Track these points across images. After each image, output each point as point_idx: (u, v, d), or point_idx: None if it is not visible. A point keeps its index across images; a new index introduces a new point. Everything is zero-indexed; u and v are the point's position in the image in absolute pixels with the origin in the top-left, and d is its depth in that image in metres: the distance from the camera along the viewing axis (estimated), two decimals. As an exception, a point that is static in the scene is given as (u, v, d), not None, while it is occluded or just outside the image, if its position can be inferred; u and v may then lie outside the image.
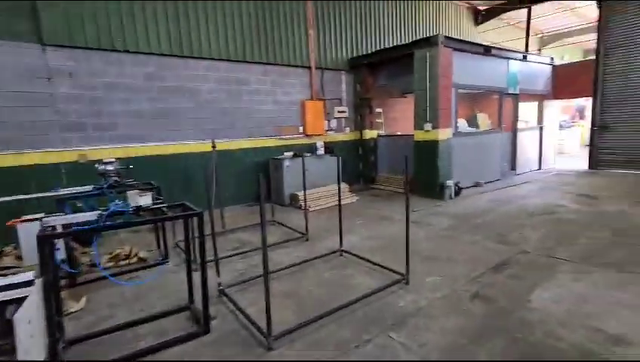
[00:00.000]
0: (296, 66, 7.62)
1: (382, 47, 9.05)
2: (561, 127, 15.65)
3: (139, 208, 2.79)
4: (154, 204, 2.90)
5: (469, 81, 7.70)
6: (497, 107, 8.85)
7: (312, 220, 5.69)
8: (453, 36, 8.18)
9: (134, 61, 5.72)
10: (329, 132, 8.29)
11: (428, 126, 6.94)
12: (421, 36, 9.92)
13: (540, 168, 10.35)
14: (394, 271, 3.55)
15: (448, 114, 7.08)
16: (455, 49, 7.12)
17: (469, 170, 7.99)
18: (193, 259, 3.69)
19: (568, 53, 17.24)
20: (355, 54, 8.63)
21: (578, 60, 10.96)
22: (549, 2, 10.88)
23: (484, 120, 10.07)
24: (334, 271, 3.80)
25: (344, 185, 7.27)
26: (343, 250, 4.17)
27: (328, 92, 8.26)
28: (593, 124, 9.78)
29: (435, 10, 10.76)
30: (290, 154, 7.22)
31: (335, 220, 4.32)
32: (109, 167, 3.83)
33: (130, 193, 2.87)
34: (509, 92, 8.88)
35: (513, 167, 9.52)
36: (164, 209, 2.89)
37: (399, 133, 9.05)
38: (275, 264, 3.94)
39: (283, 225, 5.46)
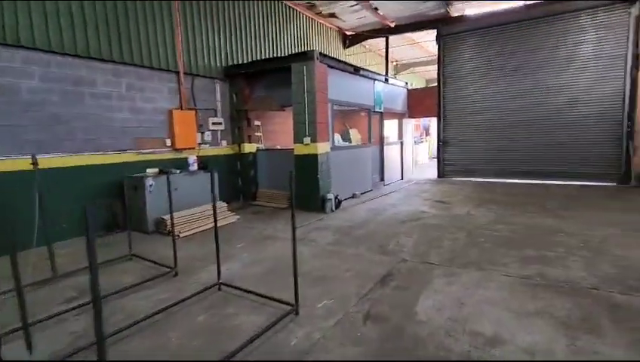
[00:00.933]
0: (161, 70, 6.60)
1: (259, 58, 8.76)
2: (414, 142, 18.36)
3: None
4: None
5: (342, 97, 8.08)
6: (367, 123, 9.58)
7: (184, 248, 4.83)
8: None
9: None
10: (203, 145, 7.44)
11: (307, 140, 6.90)
12: (298, 51, 10.06)
13: (402, 178, 11.69)
14: (282, 302, 3.13)
15: (326, 128, 7.21)
16: (330, 66, 7.35)
17: (347, 182, 8.32)
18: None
19: (415, 81, 20.48)
20: (231, 63, 8.07)
21: (425, 86, 12.92)
22: (400, 35, 12.59)
23: (355, 135, 10.81)
24: (212, 311, 3.14)
25: (222, 204, 6.55)
26: (221, 283, 3.53)
27: (201, 101, 7.45)
28: (439, 140, 11.63)
29: (309, 28, 11.14)
30: (154, 171, 6.11)
31: (212, 246, 3.66)
32: None
33: None
34: (376, 110, 9.75)
35: (382, 178, 10.44)
36: None
37: (279, 147, 8.85)
38: (131, 314, 3.04)
39: (144, 258, 4.43)
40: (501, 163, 10.54)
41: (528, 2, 9.81)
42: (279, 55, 9.43)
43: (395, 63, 18.68)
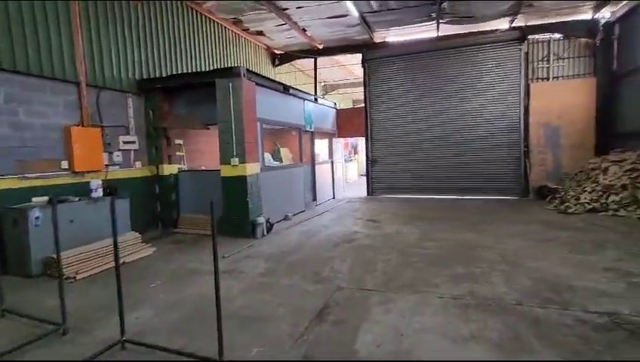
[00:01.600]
0: (55, 79, 5.60)
1: (180, 72, 8.09)
2: (344, 160, 18.83)
3: None
4: None
5: (272, 116, 7.82)
6: (298, 142, 9.44)
7: (82, 294, 3.99)
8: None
9: None
10: (111, 167, 6.48)
11: (235, 160, 6.44)
12: (224, 67, 9.58)
13: (334, 197, 11.74)
14: (203, 358, 2.63)
15: (255, 148, 6.84)
16: (258, 84, 7.06)
17: (279, 203, 7.99)
18: None
19: (343, 102, 21.23)
20: (146, 76, 7.29)
21: (353, 107, 13.36)
22: (328, 57, 12.91)
23: (287, 154, 10.61)
24: (110, 380, 2.51)
25: (134, 235, 5.70)
26: (126, 340, 2.89)
27: (109, 117, 6.52)
28: (367, 158, 12.02)
29: (236, 45, 10.76)
30: (42, 199, 5.05)
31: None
32: None
33: None
34: (307, 129, 9.68)
35: (315, 198, 10.33)
36: None
37: (204, 168, 8.18)
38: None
39: (21, 314, 3.49)
40: (424, 180, 11.22)
41: (440, 34, 10.82)
42: (203, 70, 8.86)
43: (323, 84, 19.16)
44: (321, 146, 12.21)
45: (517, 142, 10.21)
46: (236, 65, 8.59)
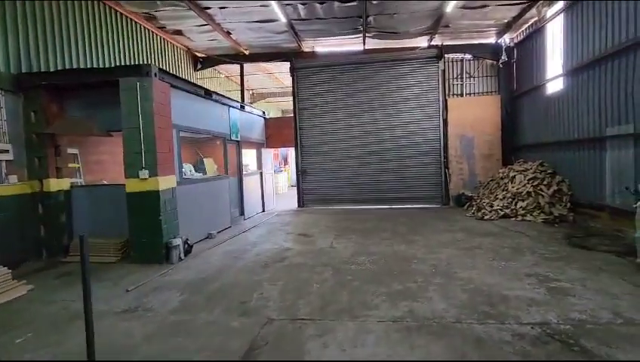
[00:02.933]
0: None
1: (73, 67, 6.79)
2: (274, 171, 18.25)
3: None
4: None
5: (192, 123, 6.99)
6: (222, 153, 8.66)
7: None
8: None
9: None
10: (-29, 183, 5.02)
11: (144, 173, 5.48)
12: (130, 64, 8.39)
13: (264, 210, 11.09)
14: None
15: (170, 158, 5.96)
16: (173, 86, 6.21)
17: (201, 220, 7.13)
18: None
19: (272, 110, 20.74)
20: (25, 68, 5.92)
21: (282, 116, 12.96)
22: (255, 64, 12.36)
23: (211, 165, 9.72)
24: None
25: (0, 271, 4.40)
26: None
27: (-32, 119, 5.07)
28: (297, 169, 11.66)
29: (151, 44, 9.60)
30: None
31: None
32: None
33: None
34: (232, 138, 8.96)
35: (242, 212, 9.58)
36: None
37: (106, 183, 6.95)
38: None
39: None
40: (354, 191, 11.24)
41: (367, 47, 11.08)
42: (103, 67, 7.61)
43: (251, 92, 18.47)
44: (249, 157, 11.52)
45: (438, 153, 10.81)
46: (147, 62, 7.54)
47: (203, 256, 5.98)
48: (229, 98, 8.95)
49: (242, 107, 9.75)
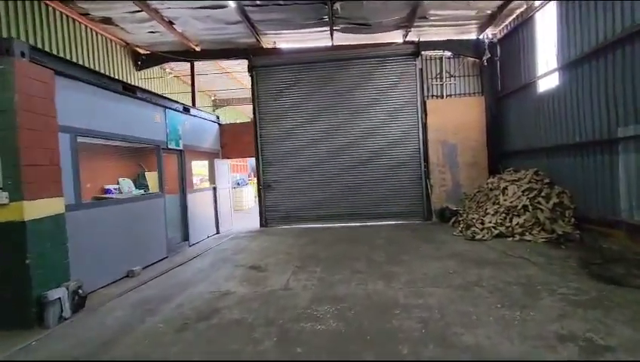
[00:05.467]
0: None
1: None
2: (238, 184, 16.52)
3: None
4: None
5: (101, 126, 5.30)
6: (157, 164, 6.96)
7: None
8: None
9: None
10: None
11: (2, 197, 3.75)
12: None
13: (218, 232, 9.39)
14: None
15: (53, 174, 4.24)
16: (63, 74, 4.54)
17: (116, 255, 5.39)
18: None
19: (240, 117, 19.09)
20: None
21: (241, 122, 11.37)
22: (210, 62, 10.79)
23: (154, 180, 7.96)
24: None
25: None
26: None
27: None
28: (259, 183, 10.05)
29: (75, 36, 7.84)
30: None
31: None
32: None
33: None
34: (170, 147, 7.28)
35: (187, 237, 7.85)
36: None
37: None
38: None
39: None
40: (323, 207, 9.74)
41: (336, 43, 9.76)
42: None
43: (213, 98, 16.81)
44: (222, 170, 9.77)
45: (417, 162, 9.53)
46: (9, 37, 5.70)
47: (101, 311, 4.24)
48: (165, 98, 7.31)
49: (186, 110, 8.10)
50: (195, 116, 8.61)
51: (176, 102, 7.83)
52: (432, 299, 4.06)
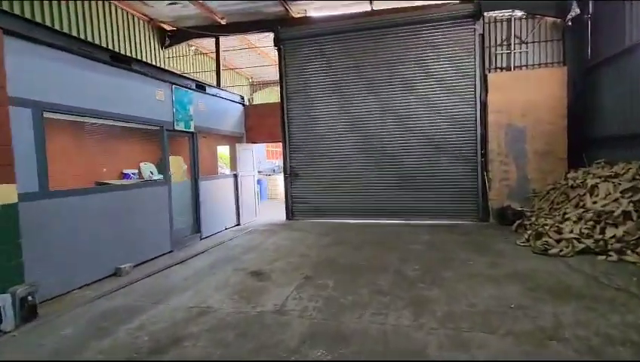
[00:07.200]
0: None
1: None
2: (274, 171, 15.76)
3: None
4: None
5: (83, 102, 4.55)
6: (160, 148, 6.20)
7: None
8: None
9: None
10: None
11: None
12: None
13: (238, 223, 8.58)
14: None
15: (3, 156, 3.52)
16: (23, 36, 3.79)
17: (99, 250, 4.70)
18: None
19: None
20: None
21: (267, 103, 10.32)
22: (236, 36, 9.87)
23: (178, 165, 7.33)
24: None
25: None
26: None
27: None
28: (285, 171, 9.03)
29: (97, 12, 7.38)
30: None
31: None
32: None
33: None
34: (178, 129, 6.47)
35: (199, 229, 7.09)
36: None
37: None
38: None
39: None
40: (355, 200, 8.44)
41: (375, 8, 8.24)
42: None
43: (250, 80, 16.08)
44: (245, 155, 8.90)
45: (472, 149, 7.78)
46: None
47: (50, 326, 3.48)
48: (172, 73, 6.50)
49: (201, 87, 7.24)
50: (213, 95, 7.74)
51: (188, 78, 7.00)
52: (482, 353, 2.68)
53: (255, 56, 12.66)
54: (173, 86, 6.31)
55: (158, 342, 3.05)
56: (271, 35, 9.02)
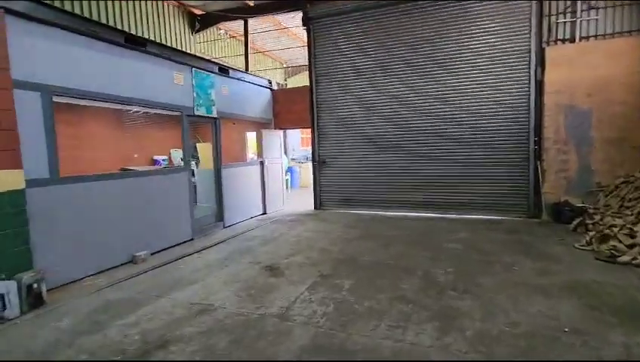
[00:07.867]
0: None
1: None
2: (307, 159, 15.40)
3: None
4: None
5: (95, 86, 4.42)
6: (180, 134, 6.03)
7: None
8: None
9: None
10: None
11: None
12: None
13: (265, 212, 8.35)
14: None
15: (5, 141, 3.44)
16: (28, 16, 3.66)
17: (115, 237, 4.65)
18: None
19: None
20: None
21: (295, 87, 9.86)
22: (264, 18, 9.49)
23: (205, 152, 7.24)
24: None
25: None
26: None
27: None
28: (313, 159, 8.61)
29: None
30: None
31: None
32: None
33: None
34: (198, 114, 6.27)
35: (222, 218, 6.93)
36: None
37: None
38: None
39: None
40: (388, 190, 7.82)
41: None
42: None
43: (285, 66, 15.72)
44: (272, 141, 8.65)
45: (524, 136, 6.79)
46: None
47: (52, 315, 3.39)
48: (190, 55, 6.26)
49: (223, 71, 6.96)
50: (237, 79, 7.45)
51: (210, 61, 6.74)
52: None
53: (288, 40, 12.24)
54: (193, 69, 6.08)
55: (145, 344, 2.81)
56: (300, 15, 8.53)
